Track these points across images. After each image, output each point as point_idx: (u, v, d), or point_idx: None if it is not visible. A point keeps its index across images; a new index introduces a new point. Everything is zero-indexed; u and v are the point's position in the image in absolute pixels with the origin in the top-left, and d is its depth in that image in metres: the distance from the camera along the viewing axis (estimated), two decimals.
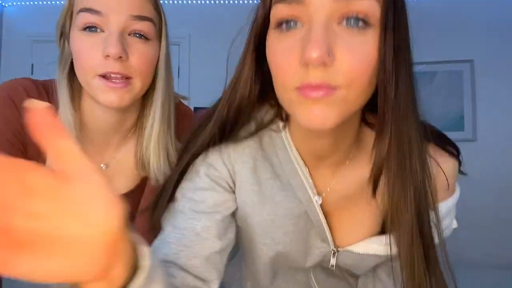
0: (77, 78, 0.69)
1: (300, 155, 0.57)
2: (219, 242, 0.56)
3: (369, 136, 0.56)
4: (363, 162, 0.56)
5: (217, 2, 2.76)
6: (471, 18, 2.58)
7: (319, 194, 0.58)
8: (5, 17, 2.87)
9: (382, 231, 0.59)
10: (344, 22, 0.45)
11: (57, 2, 2.84)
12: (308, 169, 0.58)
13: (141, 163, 0.74)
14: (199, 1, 2.77)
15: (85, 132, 0.73)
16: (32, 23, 2.85)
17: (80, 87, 0.70)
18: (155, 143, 0.72)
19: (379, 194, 0.53)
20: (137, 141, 0.74)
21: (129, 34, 0.65)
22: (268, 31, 0.51)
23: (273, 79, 0.50)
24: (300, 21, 0.46)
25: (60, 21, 0.70)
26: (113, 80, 0.64)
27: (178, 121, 0.77)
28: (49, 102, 0.69)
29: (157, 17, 0.70)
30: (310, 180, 0.57)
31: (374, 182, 0.53)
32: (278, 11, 0.47)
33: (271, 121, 0.59)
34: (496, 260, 2.50)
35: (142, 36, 0.66)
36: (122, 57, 0.63)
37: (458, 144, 0.59)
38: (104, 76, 0.64)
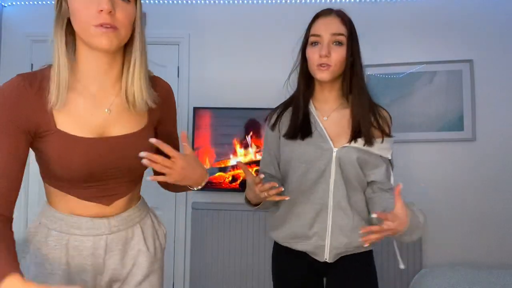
0: (71, 34, 0.92)
1: (315, 107, 1.33)
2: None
3: (347, 99, 1.31)
4: (345, 108, 1.31)
5: (217, 2, 2.76)
6: (471, 18, 2.59)
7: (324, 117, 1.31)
8: (4, 17, 2.87)
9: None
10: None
11: None
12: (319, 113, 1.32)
13: (127, 96, 0.95)
14: (199, 1, 2.77)
15: (82, 81, 0.94)
16: (32, 23, 2.85)
17: (74, 41, 0.93)
18: (137, 78, 0.94)
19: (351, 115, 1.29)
20: (124, 80, 0.96)
21: None
22: None
23: None
24: None
25: None
26: (105, 27, 0.86)
27: (157, 87, 1.03)
28: (40, 87, 0.90)
29: None
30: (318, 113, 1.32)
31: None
32: None
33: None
34: (496, 259, 2.50)
35: None
36: (112, 12, 0.86)
37: (457, 144, 0.65)
38: (96, 26, 0.86)
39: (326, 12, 1.27)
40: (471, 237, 2.54)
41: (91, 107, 0.94)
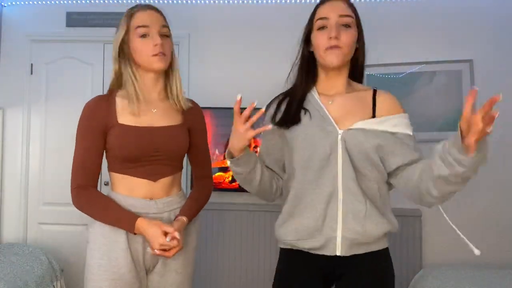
0: (134, 66, 1.35)
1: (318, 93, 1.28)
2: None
3: (354, 84, 1.29)
4: (352, 93, 1.25)
5: (217, 2, 2.76)
6: (471, 18, 2.59)
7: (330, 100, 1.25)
8: (4, 16, 2.87)
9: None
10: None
11: (56, 2, 2.84)
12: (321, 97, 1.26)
13: (172, 95, 1.40)
14: (199, 1, 2.77)
15: (140, 94, 1.34)
16: (32, 23, 2.85)
17: (136, 70, 1.35)
18: (177, 83, 1.41)
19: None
20: (169, 86, 1.42)
21: (160, 35, 1.32)
22: None
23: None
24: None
25: (119, 35, 1.34)
26: (159, 55, 1.30)
27: (191, 103, 1.48)
28: (109, 100, 1.34)
29: (168, 26, 1.37)
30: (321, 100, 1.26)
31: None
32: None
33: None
34: (496, 259, 2.50)
35: (166, 35, 1.34)
36: (162, 44, 1.30)
37: None
38: (153, 55, 1.30)
39: None
40: (471, 237, 2.53)
41: (143, 109, 1.35)
